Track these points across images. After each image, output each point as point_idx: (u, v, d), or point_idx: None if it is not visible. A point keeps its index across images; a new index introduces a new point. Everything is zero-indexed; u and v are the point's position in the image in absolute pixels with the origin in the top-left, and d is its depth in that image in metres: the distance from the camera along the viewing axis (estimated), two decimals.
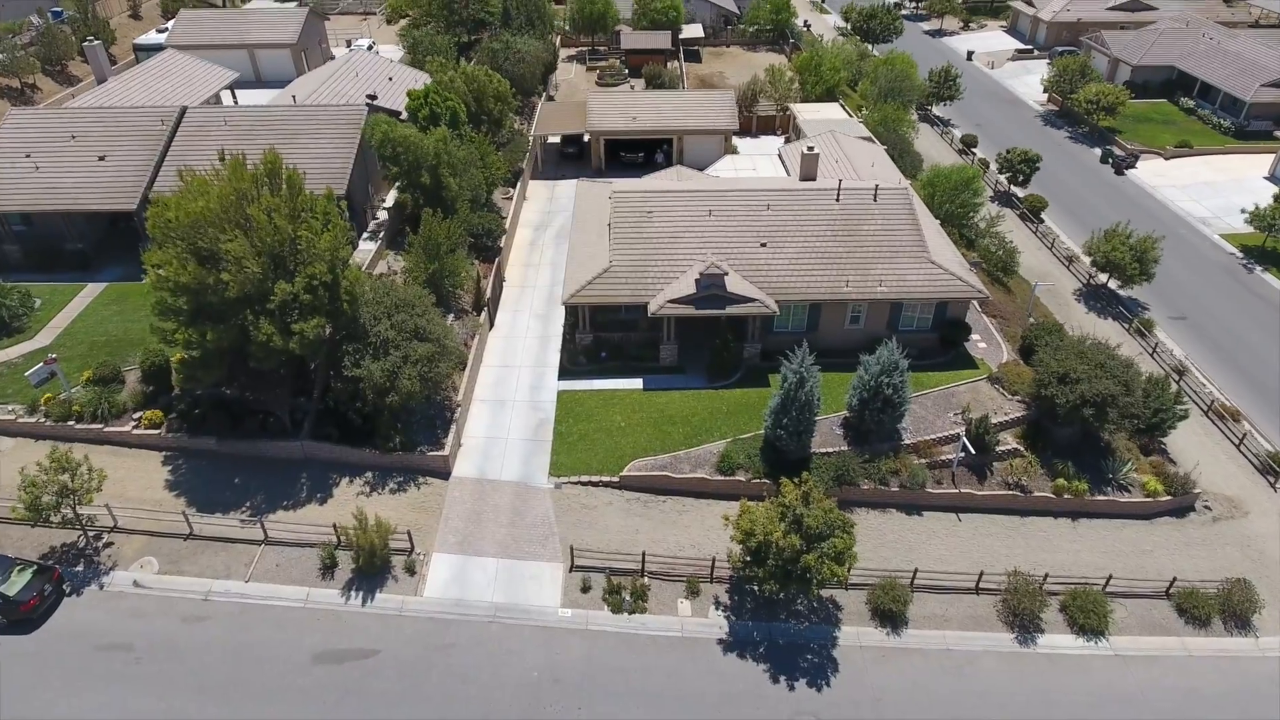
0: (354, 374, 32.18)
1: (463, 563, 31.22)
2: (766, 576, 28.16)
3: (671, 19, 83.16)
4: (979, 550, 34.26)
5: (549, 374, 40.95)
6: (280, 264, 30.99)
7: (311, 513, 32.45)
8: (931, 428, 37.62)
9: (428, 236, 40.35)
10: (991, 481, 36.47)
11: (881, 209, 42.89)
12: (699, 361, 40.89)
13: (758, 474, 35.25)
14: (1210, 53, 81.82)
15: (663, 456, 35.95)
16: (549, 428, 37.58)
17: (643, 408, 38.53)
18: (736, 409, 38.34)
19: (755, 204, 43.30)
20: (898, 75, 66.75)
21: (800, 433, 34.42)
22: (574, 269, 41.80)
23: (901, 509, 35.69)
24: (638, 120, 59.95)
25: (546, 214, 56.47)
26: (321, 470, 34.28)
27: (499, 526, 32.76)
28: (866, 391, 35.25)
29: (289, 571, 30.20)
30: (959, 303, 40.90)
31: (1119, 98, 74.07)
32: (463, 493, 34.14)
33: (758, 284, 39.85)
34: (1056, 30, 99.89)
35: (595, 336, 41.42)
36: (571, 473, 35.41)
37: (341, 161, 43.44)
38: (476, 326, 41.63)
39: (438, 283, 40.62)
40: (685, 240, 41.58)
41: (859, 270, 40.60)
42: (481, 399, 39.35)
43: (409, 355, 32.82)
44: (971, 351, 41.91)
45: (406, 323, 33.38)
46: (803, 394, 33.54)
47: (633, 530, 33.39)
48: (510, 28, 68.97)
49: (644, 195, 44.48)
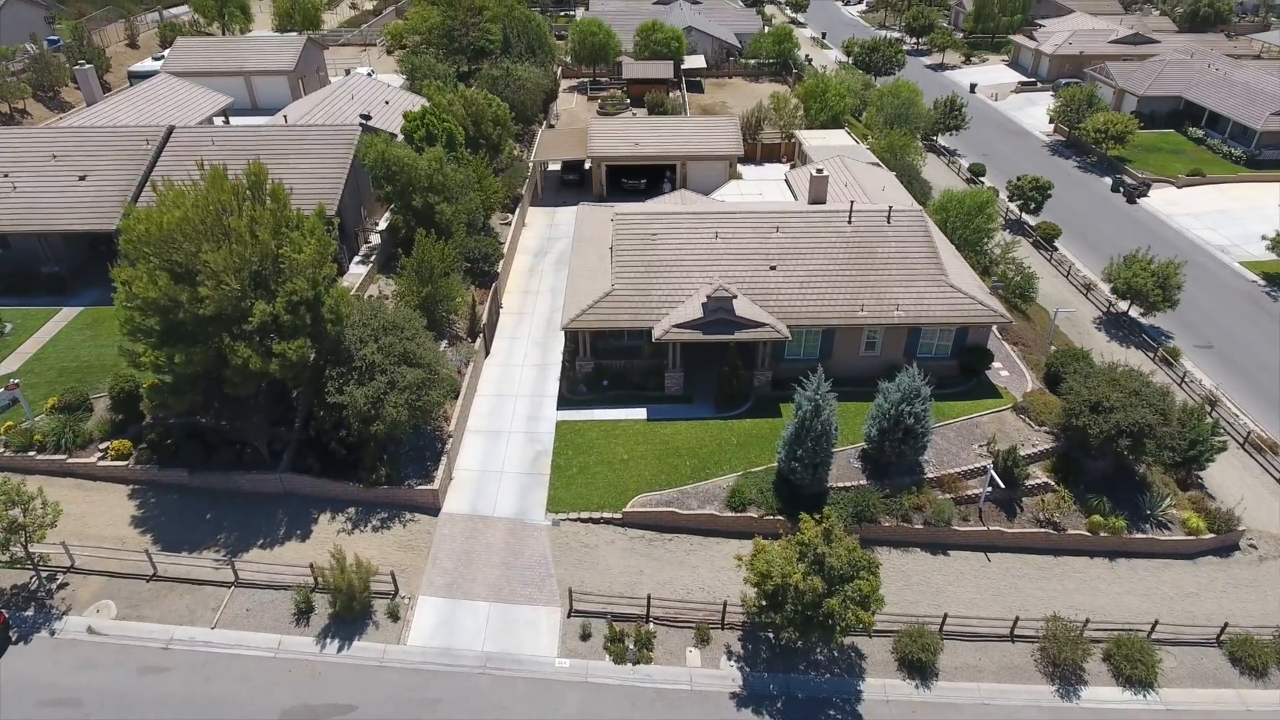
0: (336, 401, 29.90)
1: (451, 607, 28.60)
2: (785, 623, 25.56)
3: (673, 50, 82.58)
4: (1011, 593, 31.65)
5: (547, 403, 38.67)
6: (261, 283, 28.94)
7: (288, 552, 29.90)
8: (955, 460, 35.22)
9: (421, 259, 38.40)
10: (1021, 518, 33.97)
11: (896, 231, 41.05)
12: (706, 390, 38.66)
13: (771, 510, 32.78)
14: (1217, 83, 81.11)
15: (669, 491, 33.51)
16: (547, 460, 35.19)
17: (647, 439, 36.18)
18: (747, 440, 35.98)
19: (763, 226, 41.48)
20: (903, 102, 65.67)
21: (816, 465, 32.04)
22: (574, 293, 39.79)
23: (926, 548, 33.14)
24: (640, 146, 58.54)
25: (546, 240, 54.70)
26: (301, 505, 31.79)
27: (491, 567, 30.19)
28: (886, 421, 32.95)
29: (260, 617, 27.55)
30: (980, 328, 38.80)
31: (1128, 126, 72.95)
32: (453, 530, 31.62)
33: (767, 308, 37.80)
34: (1059, 63, 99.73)
35: (596, 364, 39.24)
36: (570, 509, 32.94)
37: (332, 182, 41.71)
38: (471, 353, 39.47)
39: (431, 307, 38.55)
40: (691, 263, 39.64)
41: (874, 294, 38.58)
42: (475, 430, 37.01)
43: (396, 381, 30.58)
44: (993, 380, 39.68)
45: (394, 346, 31.20)
46: (819, 423, 31.24)
47: (636, 571, 30.82)
48: (510, 56, 68.07)
49: (647, 217, 42.70)
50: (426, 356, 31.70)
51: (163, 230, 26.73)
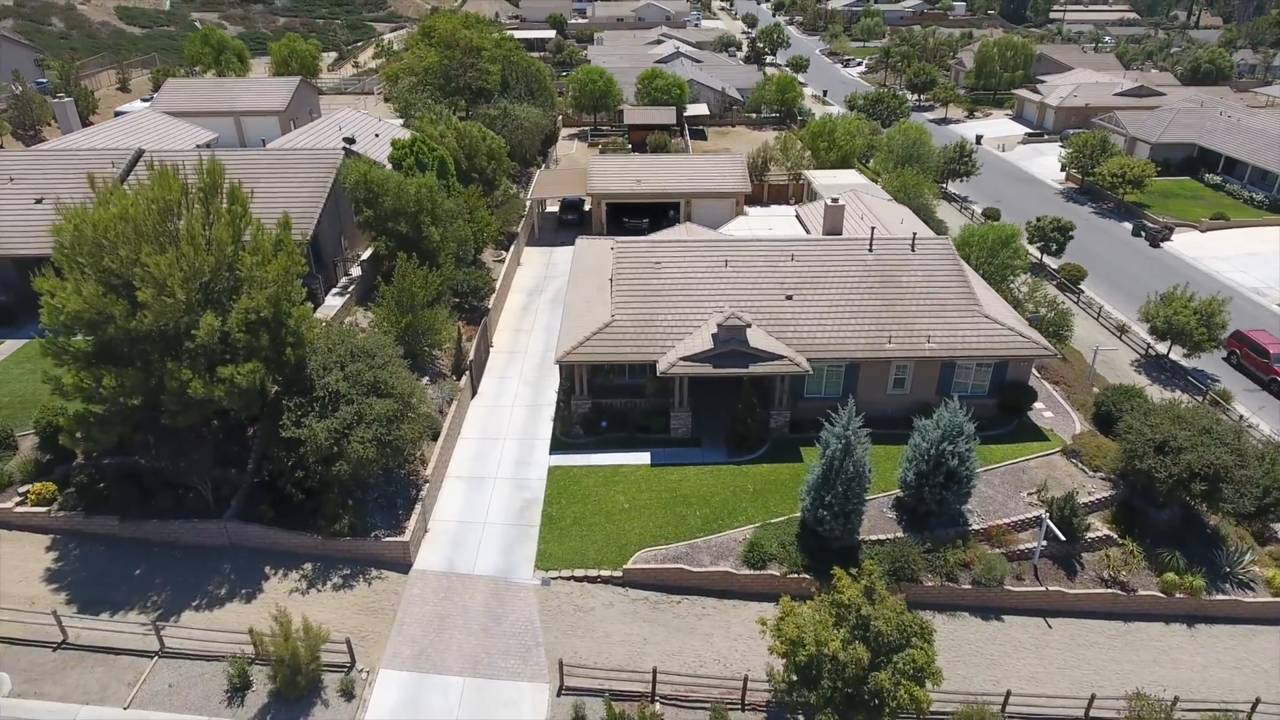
0: (293, 435, 25.83)
1: (417, 683, 23.91)
2: (821, 702, 20.92)
3: (675, 97, 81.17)
4: (1079, 665, 26.95)
5: (539, 447, 34.52)
6: (213, 298, 25.29)
7: (229, 615, 25.36)
8: (1002, 510, 30.91)
9: (401, 286, 34.84)
10: (1083, 577, 29.47)
11: (921, 260, 37.64)
12: (717, 433, 34.57)
13: (796, 566, 28.33)
14: (1232, 129, 79.39)
15: (677, 545, 29.12)
16: (537, 509, 30.87)
17: (651, 486, 31.92)
18: (765, 487, 31.72)
19: (777, 255, 38.09)
20: (913, 142, 63.39)
21: (848, 513, 27.75)
22: (570, 325, 36.11)
23: (975, 612, 28.56)
24: (642, 183, 55.82)
25: (543, 279, 51.37)
26: (250, 560, 27.36)
27: (468, 635, 25.59)
28: (925, 462, 28.80)
29: (185, 694, 22.84)
30: (1021, 362, 34.96)
31: (1145, 170, 70.71)
32: (425, 590, 27.11)
33: (785, 341, 34.05)
34: (1065, 115, 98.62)
35: (594, 403, 35.25)
36: (563, 565, 28.49)
37: (310, 205, 38.51)
38: (455, 392, 35.53)
39: (412, 340, 34.79)
40: (698, 293, 36.07)
41: (901, 325, 34.88)
42: (457, 475, 32.76)
43: (363, 414, 26.57)
44: (1036, 421, 35.63)
45: (363, 375, 27.29)
46: (850, 463, 27.10)
47: (640, 640, 26.21)
48: (509, 96, 66.21)
49: (651, 245, 39.41)
50: (400, 387, 27.75)
51: (96, 231, 23.16)
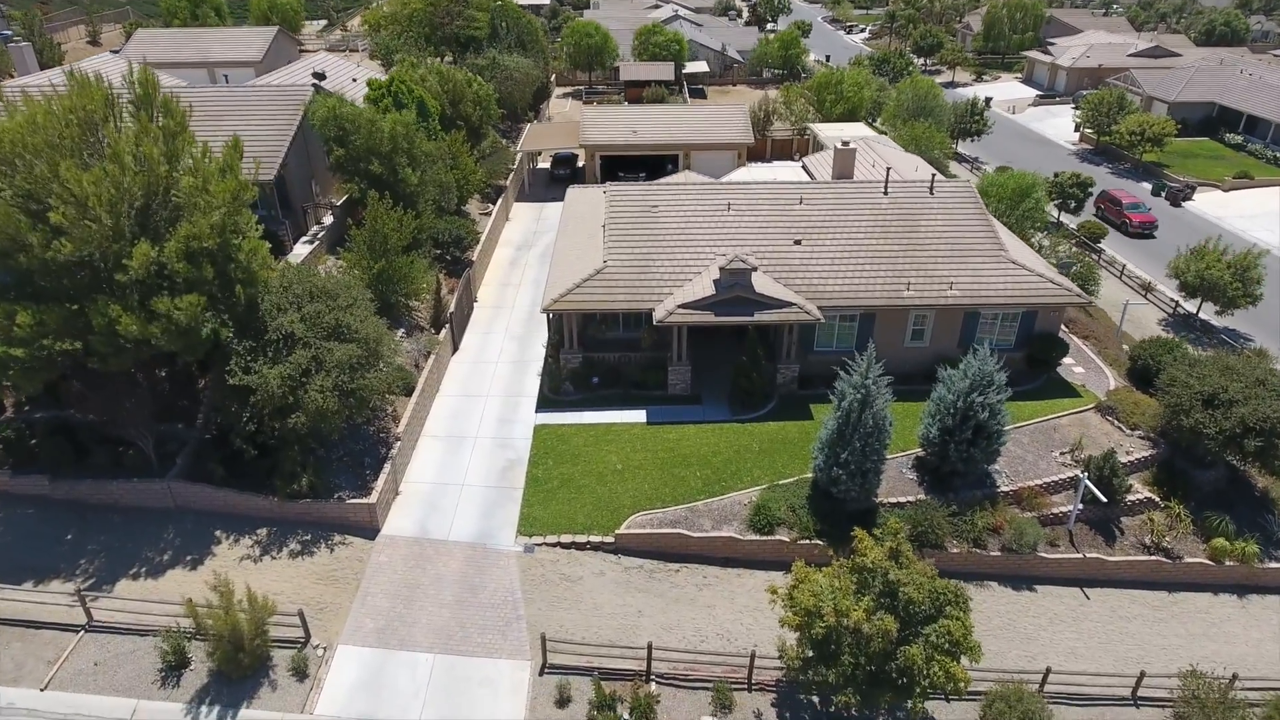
0: (241, 383, 22.84)
1: (381, 660, 21.13)
2: (841, 681, 18.17)
3: (674, 54, 77.46)
4: (1122, 639, 24.28)
5: (524, 404, 31.61)
6: (150, 226, 22.22)
7: (171, 584, 22.52)
8: (1032, 470, 28.10)
9: (374, 229, 31.72)
10: (1123, 543, 26.72)
11: (941, 203, 34.54)
12: (719, 389, 31.66)
13: (807, 531, 25.52)
14: (1254, 87, 75.93)
15: (675, 509, 26.29)
16: (521, 471, 28.01)
17: (646, 445, 29.05)
18: (772, 446, 28.86)
19: (785, 198, 34.98)
20: (924, 94, 59.98)
21: (865, 472, 24.90)
22: (559, 273, 33.06)
23: (1005, 581, 25.83)
24: (639, 134, 52.47)
25: (532, 234, 48.20)
26: (197, 524, 24.49)
27: (440, 606, 22.78)
28: (950, 416, 25.91)
29: (113, 674, 20.04)
30: (1050, 313, 31.97)
31: (1165, 128, 67.35)
32: (393, 557, 24.27)
33: (793, 289, 31.02)
34: (1077, 76, 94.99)
35: (585, 357, 32.29)
36: (549, 530, 25.67)
37: (274, 145, 35.25)
38: (433, 345, 32.53)
39: (385, 288, 31.76)
40: (699, 238, 32.99)
41: (920, 272, 31.85)
42: (433, 434, 29.86)
43: (322, 359, 23.58)
44: (1066, 377, 32.73)
45: (323, 316, 24.26)
46: (869, 416, 24.20)
47: (633, 612, 23.45)
48: (498, 46, 62.60)
49: (647, 189, 36.28)
50: (364, 330, 24.72)
51: (2, 144, 20.03)
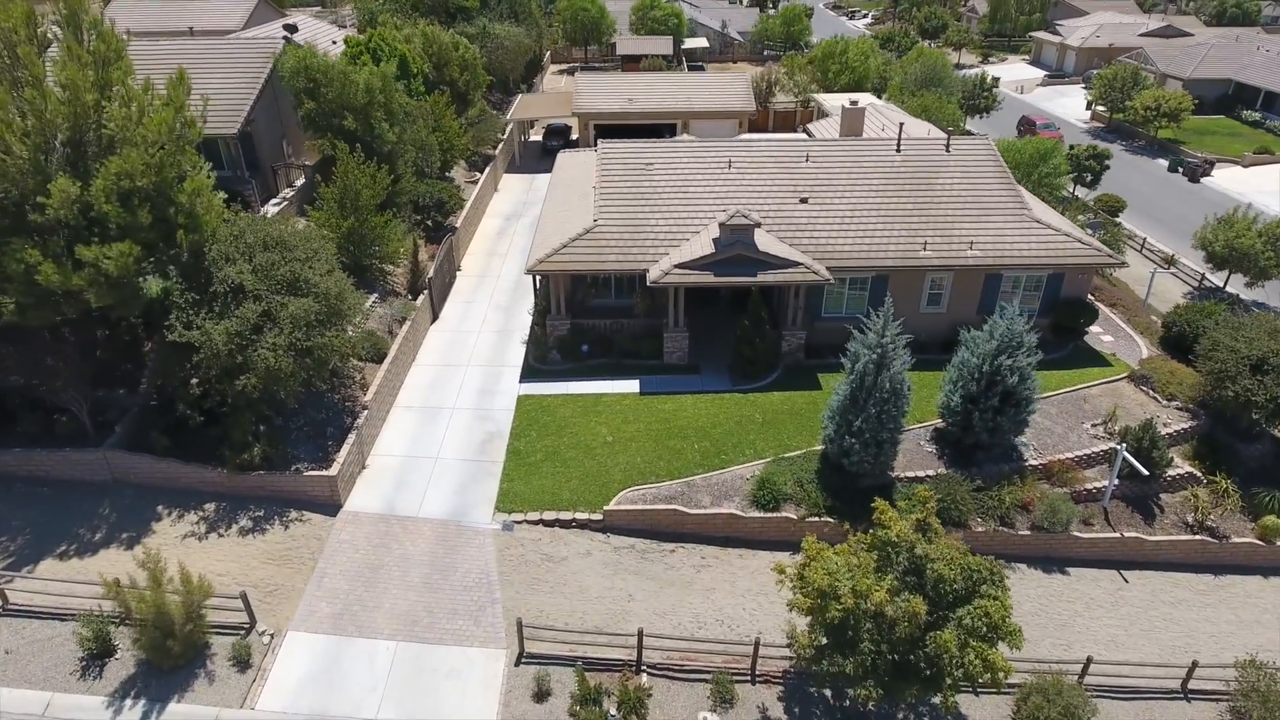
0: (182, 339, 20.34)
1: (336, 648, 18.67)
2: (861, 672, 15.70)
3: (673, 28, 74.90)
4: (1166, 626, 21.85)
5: (507, 374, 29.14)
6: (79, 163, 19.75)
7: (102, 564, 20.04)
8: (1062, 443, 25.63)
9: (344, 184, 29.23)
10: (1163, 521, 24.27)
11: (959, 161, 32.06)
12: (719, 359, 29.20)
13: (816, 508, 23.06)
14: (1271, 63, 73.39)
15: (670, 483, 23.84)
16: (501, 444, 25.54)
17: (639, 416, 26.59)
18: (776, 417, 26.40)
19: (790, 155, 32.51)
20: (933, 65, 57.44)
21: (881, 442, 22.44)
22: (546, 234, 30.59)
23: (1035, 563, 23.38)
24: (635, 102, 49.93)
25: (522, 205, 45.67)
26: (137, 498, 22.02)
27: (406, 589, 20.32)
28: (975, 382, 23.43)
29: (25, 664, 17.57)
30: (1078, 276, 29.49)
31: (1181, 103, 64.79)
32: (355, 535, 21.80)
33: (799, 248, 28.55)
34: (1087, 56, 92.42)
35: (574, 325, 29.80)
36: (530, 506, 23.21)
37: (239, 98, 32.73)
38: (409, 311, 30.05)
39: (356, 248, 29.31)
40: (697, 196, 30.50)
41: (937, 231, 29.37)
42: (407, 405, 27.38)
43: (274, 314, 21.08)
44: (1094, 346, 30.27)
45: (277, 268, 21.75)
46: (885, 379, 21.73)
47: (623, 596, 21.00)
48: (489, 15, 60.05)
49: (642, 146, 33.73)
50: (324, 284, 22.20)
51: None
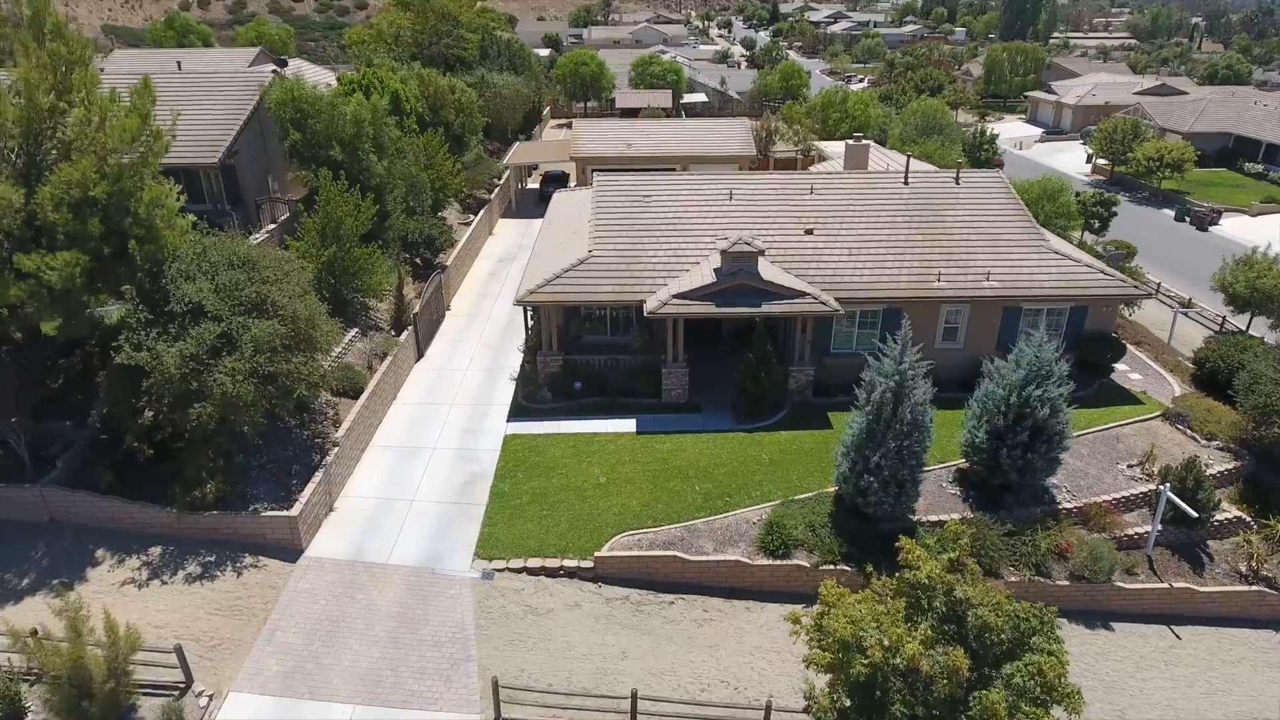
0: (130, 362, 18.49)
1: (283, 712, 16.21)
2: None
3: (671, 83, 75.40)
4: (1227, 688, 19.36)
5: (494, 413, 27.17)
6: (30, 163, 18.30)
7: (27, 614, 17.70)
8: (1096, 485, 23.47)
9: (326, 212, 27.84)
10: (1214, 571, 21.94)
11: (970, 193, 30.78)
12: (721, 398, 27.24)
13: (831, 555, 20.81)
14: (1271, 116, 73.59)
15: (669, 528, 21.63)
16: (484, 485, 23.39)
17: (635, 457, 24.50)
18: (784, 457, 24.32)
19: (794, 187, 31.26)
20: (933, 113, 57.18)
21: (901, 481, 20.36)
22: (538, 266, 29.06)
23: (1076, 617, 20.94)
24: (634, 147, 49.23)
25: (516, 248, 44.41)
26: (76, 540, 19.81)
27: (369, 644, 17.94)
28: (1002, 415, 21.44)
29: None
30: (1103, 308, 27.78)
31: (1184, 154, 64.50)
32: (316, 583, 19.50)
33: (806, 280, 26.93)
34: (1083, 114, 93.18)
35: (566, 361, 27.96)
36: (513, 553, 20.95)
37: (222, 127, 31.71)
38: (391, 347, 28.27)
39: (338, 279, 27.71)
40: (696, 227, 29.08)
41: (952, 262, 27.82)
42: (384, 444, 25.33)
43: (235, 337, 19.29)
44: (1121, 384, 28.36)
45: (242, 288, 20.04)
46: (905, 410, 19.78)
47: (615, 653, 18.60)
48: (488, 66, 60.14)
49: (640, 180, 32.56)
50: (292, 308, 20.45)
51: None
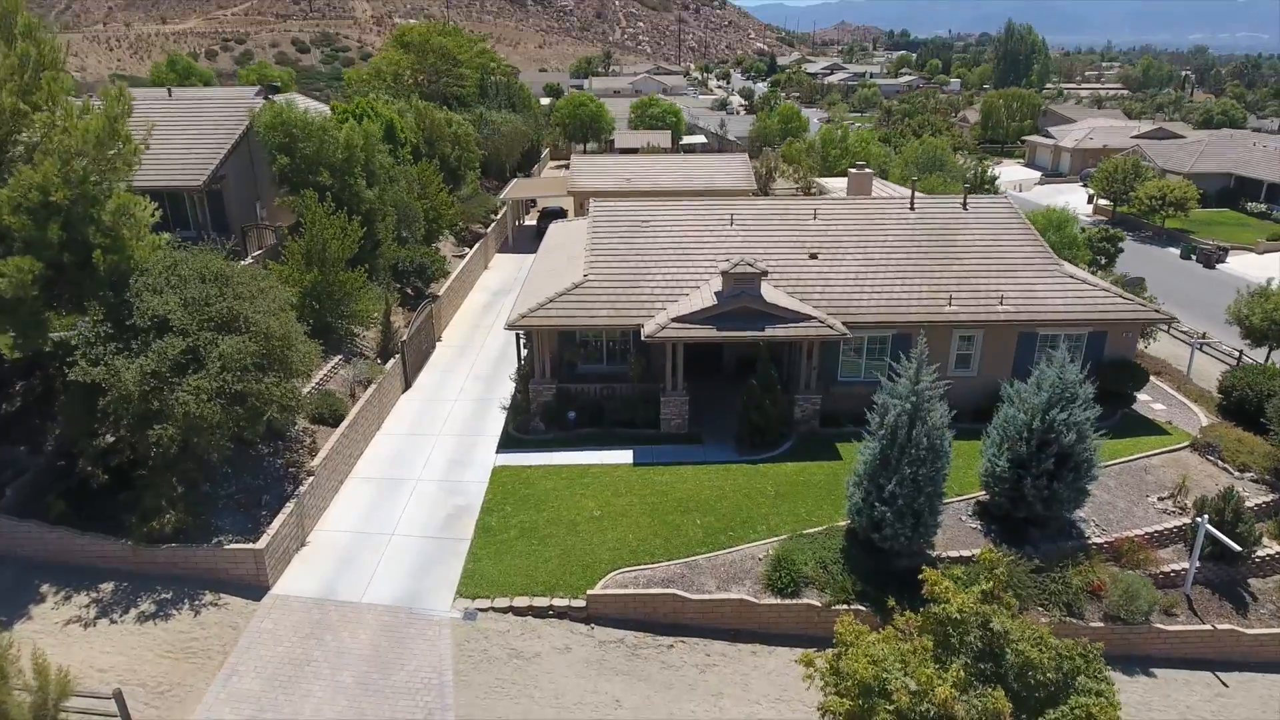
0: (88, 378, 17.14)
1: None
2: None
3: (671, 124, 75.60)
4: None
5: (483, 444, 25.69)
6: None
7: None
8: (1126, 519, 21.91)
9: (311, 234, 26.81)
10: (1259, 612, 20.24)
11: (978, 218, 29.84)
12: (723, 430, 25.77)
13: (844, 594, 19.15)
14: (1271, 158, 73.58)
15: (667, 564, 20.01)
16: (470, 519, 21.81)
17: (632, 489, 22.96)
18: (791, 489, 22.78)
19: (797, 213, 30.32)
20: (934, 150, 56.89)
21: (918, 512, 18.84)
22: (531, 292, 27.93)
23: (1112, 661, 18.99)
24: (633, 181, 48.64)
25: (512, 281, 43.33)
26: (20, 575, 18.17)
27: (335, 691, 16.20)
28: (1024, 442, 20.00)
29: None
30: (1122, 336, 26.52)
31: (1187, 192, 64.16)
32: (281, 623, 17.82)
33: (810, 304, 25.75)
34: (1081, 157, 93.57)
35: (560, 389, 26.58)
36: (499, 591, 19.28)
37: (209, 151, 30.91)
38: (375, 374, 26.94)
39: (322, 304, 26.53)
40: (696, 252, 28.04)
41: (963, 286, 26.67)
42: (365, 476, 23.81)
43: (201, 353, 17.98)
44: (1144, 414, 26.94)
45: (211, 303, 18.81)
46: (921, 434, 18.36)
47: (609, 701, 16.84)
48: (487, 104, 60.11)
49: (638, 206, 31.65)
50: (266, 325, 19.19)
51: None
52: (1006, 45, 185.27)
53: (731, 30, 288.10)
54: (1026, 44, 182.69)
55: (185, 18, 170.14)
